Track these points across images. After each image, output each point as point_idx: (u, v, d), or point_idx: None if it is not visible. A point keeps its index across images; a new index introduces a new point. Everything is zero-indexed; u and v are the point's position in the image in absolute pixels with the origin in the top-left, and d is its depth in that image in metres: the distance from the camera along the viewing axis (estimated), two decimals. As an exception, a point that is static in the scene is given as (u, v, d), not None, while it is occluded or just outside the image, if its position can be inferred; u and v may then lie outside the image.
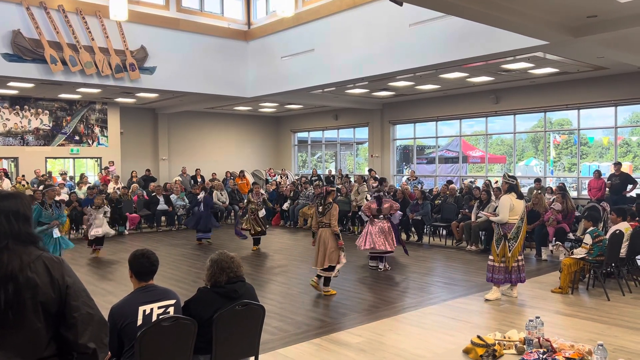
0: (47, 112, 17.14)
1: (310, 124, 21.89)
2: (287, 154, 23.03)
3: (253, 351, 3.66)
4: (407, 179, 16.48)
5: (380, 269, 8.89)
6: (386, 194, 10.05)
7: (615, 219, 7.68)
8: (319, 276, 7.35)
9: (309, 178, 18.18)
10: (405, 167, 19.31)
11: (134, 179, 16.81)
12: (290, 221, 15.29)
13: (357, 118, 19.56)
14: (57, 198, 13.40)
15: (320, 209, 7.40)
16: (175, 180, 16.78)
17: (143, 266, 3.34)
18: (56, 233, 7.97)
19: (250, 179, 19.31)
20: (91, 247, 10.65)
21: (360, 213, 9.04)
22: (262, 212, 11.24)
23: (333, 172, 19.32)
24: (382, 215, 8.95)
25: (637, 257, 8.10)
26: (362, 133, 20.07)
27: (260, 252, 10.98)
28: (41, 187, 11.66)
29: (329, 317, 6.28)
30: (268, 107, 19.90)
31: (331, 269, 7.29)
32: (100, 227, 10.56)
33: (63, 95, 16.54)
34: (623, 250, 7.41)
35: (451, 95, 16.24)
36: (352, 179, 15.25)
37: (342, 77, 13.07)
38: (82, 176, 16.28)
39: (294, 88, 14.46)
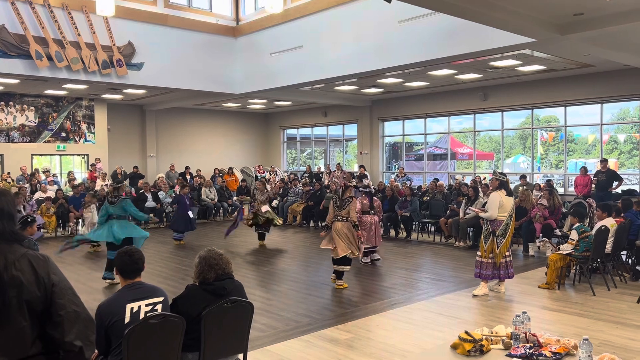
0: (33, 108, 16.94)
1: (299, 121, 21.86)
2: (276, 151, 22.98)
3: (242, 348, 3.65)
4: (396, 175, 16.54)
5: (378, 258, 9.15)
6: (373, 190, 10.23)
7: (601, 215, 7.77)
8: (335, 272, 7.60)
9: (299, 175, 18.17)
10: (395, 163, 19.37)
11: (119, 175, 16.68)
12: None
13: (346, 115, 19.57)
14: (44, 195, 13.33)
15: (338, 202, 7.65)
16: (159, 177, 16.64)
17: (126, 264, 3.32)
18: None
19: (239, 176, 19.27)
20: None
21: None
22: (264, 207, 11.16)
23: (322, 169, 19.33)
24: (373, 211, 9.13)
25: (622, 253, 8.21)
26: (351, 130, 20.09)
27: (265, 247, 11.03)
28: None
29: (318, 314, 6.29)
30: (257, 104, 19.84)
31: (346, 262, 7.49)
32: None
33: (49, 92, 16.35)
34: (608, 246, 7.50)
35: (439, 92, 16.30)
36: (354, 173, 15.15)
37: (331, 74, 13.07)
38: (69, 173, 16.12)
39: (283, 85, 14.43)
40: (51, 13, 12.41)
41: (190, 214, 11.78)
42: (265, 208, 11.13)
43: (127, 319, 3.17)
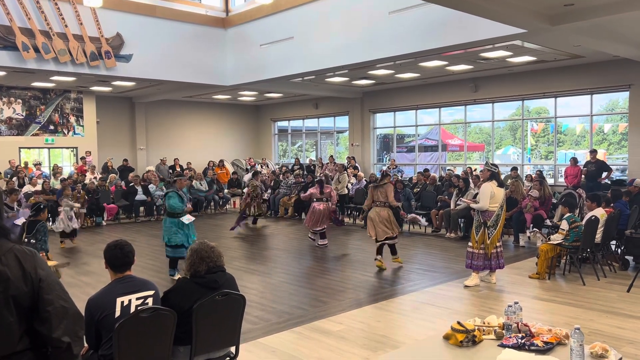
0: (20, 100, 16.72)
1: (290, 113, 21.78)
2: (268, 143, 22.91)
3: (234, 341, 3.64)
4: (388, 167, 16.54)
5: (320, 244, 10.00)
6: (330, 179, 12.24)
7: (591, 205, 7.82)
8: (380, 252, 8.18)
9: (289, 167, 18.12)
10: (386, 155, 19.37)
11: (110, 167, 16.54)
12: (270, 210, 15.22)
13: (338, 107, 19.52)
14: (32, 189, 13.19)
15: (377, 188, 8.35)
16: (149, 170, 16.51)
17: (116, 257, 3.29)
18: (188, 219, 7.73)
19: (230, 169, 19.18)
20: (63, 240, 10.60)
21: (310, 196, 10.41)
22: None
23: (314, 161, 19.30)
24: (324, 198, 10.10)
25: (611, 243, 8.28)
26: (343, 122, 20.05)
27: (257, 233, 11.85)
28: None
29: (310, 306, 6.28)
30: (247, 96, 19.73)
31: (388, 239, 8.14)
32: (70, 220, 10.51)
33: (36, 84, 16.14)
34: (598, 236, 7.56)
35: (430, 84, 16.30)
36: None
37: (321, 65, 13.00)
38: (55, 167, 15.93)
39: (274, 76, 14.35)
40: (37, 4, 12.21)
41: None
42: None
43: (117, 313, 3.14)
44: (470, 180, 11.42)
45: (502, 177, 7.89)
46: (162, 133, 20.43)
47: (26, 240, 6.06)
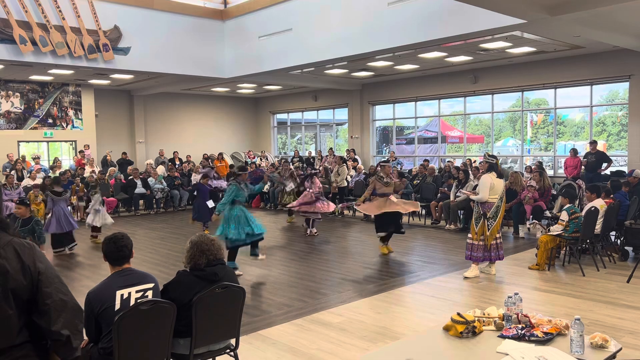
0: (18, 94, 16.65)
1: (289, 105, 21.72)
2: (267, 136, 22.87)
3: (234, 333, 3.64)
4: (387, 160, 16.52)
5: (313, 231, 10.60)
6: (329, 172, 13.02)
7: (590, 196, 7.82)
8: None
9: (289, 160, 18.09)
10: (385, 147, 19.34)
11: (108, 159, 16.49)
12: (270, 203, 15.23)
13: (337, 99, 19.46)
14: (32, 183, 13.16)
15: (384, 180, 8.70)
16: (147, 164, 16.47)
17: (111, 251, 3.29)
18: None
19: (229, 162, 19.15)
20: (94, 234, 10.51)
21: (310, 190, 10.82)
22: (289, 187, 12.46)
23: (313, 154, 19.27)
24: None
25: (611, 233, 8.29)
26: (342, 114, 19.99)
27: (294, 224, 12.04)
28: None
29: (310, 298, 6.29)
30: (246, 88, 19.67)
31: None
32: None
33: (34, 77, 16.07)
34: (598, 227, 7.56)
35: (430, 75, 16.24)
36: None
37: (320, 57, 12.95)
38: (55, 160, 15.90)
39: (272, 68, 14.29)
40: (34, -4, 12.13)
41: (210, 203, 10.92)
42: (290, 186, 12.46)
43: (117, 306, 3.14)
44: (470, 171, 11.42)
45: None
46: (161, 126, 20.38)
47: None
